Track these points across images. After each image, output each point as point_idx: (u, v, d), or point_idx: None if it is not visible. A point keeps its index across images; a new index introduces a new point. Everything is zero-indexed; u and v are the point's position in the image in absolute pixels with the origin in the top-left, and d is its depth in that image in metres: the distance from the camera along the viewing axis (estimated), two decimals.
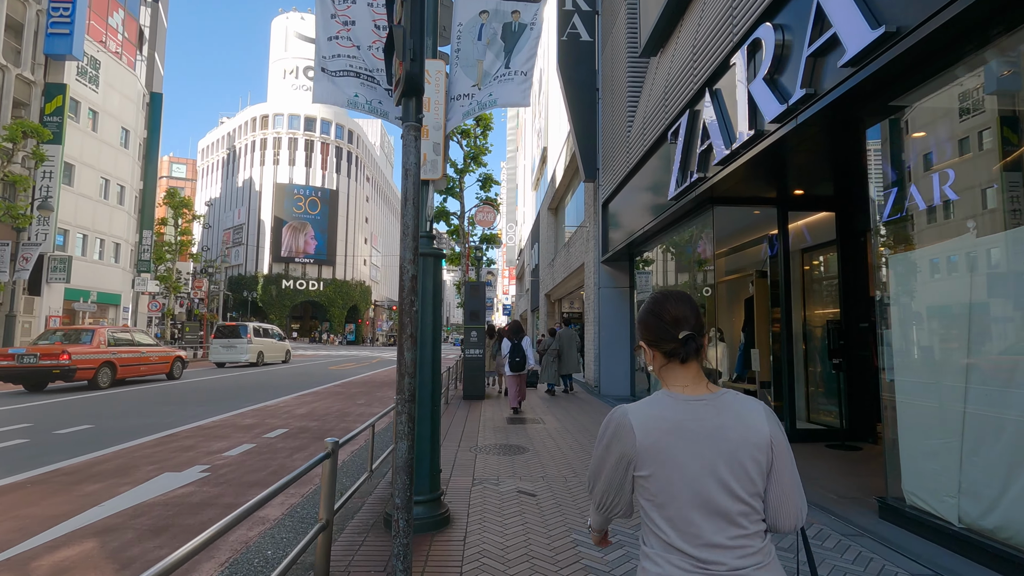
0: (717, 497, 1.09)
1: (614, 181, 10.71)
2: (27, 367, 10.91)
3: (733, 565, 1.07)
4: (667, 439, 1.12)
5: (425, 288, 3.49)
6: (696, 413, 1.14)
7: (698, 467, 1.10)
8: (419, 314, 3.47)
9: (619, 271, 11.81)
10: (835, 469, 5.09)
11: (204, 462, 5.38)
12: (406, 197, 2.59)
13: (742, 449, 1.11)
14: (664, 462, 1.11)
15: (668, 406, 1.16)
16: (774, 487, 1.14)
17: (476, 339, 10.35)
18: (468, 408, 9.17)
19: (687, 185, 6.56)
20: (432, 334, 3.50)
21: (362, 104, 3.53)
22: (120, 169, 28.08)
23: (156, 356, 13.97)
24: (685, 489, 1.10)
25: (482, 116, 15.65)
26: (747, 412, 1.15)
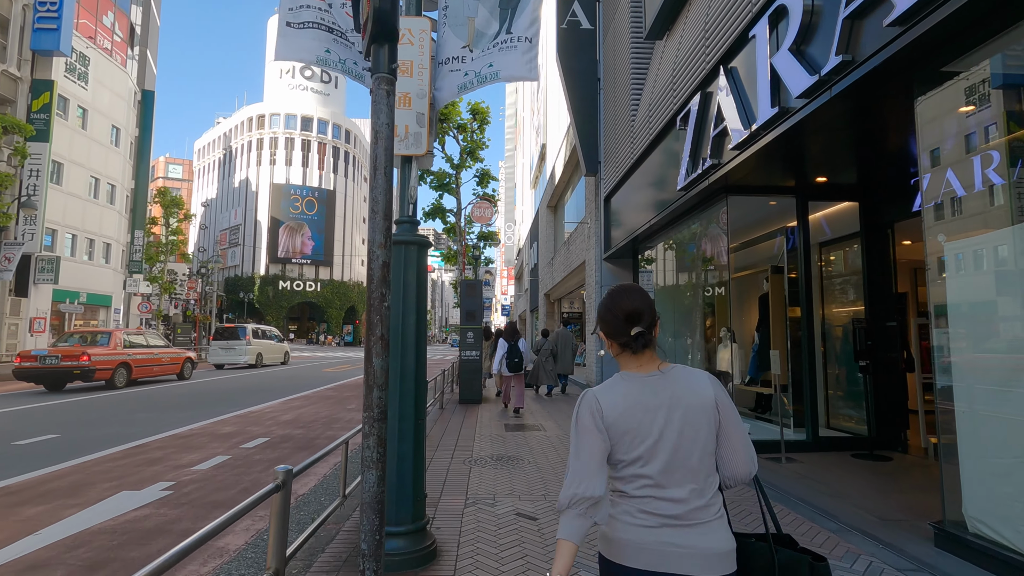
0: (676, 456, 1.24)
1: (617, 174, 10.21)
2: (49, 368, 11.53)
3: (688, 515, 1.22)
4: (629, 412, 1.27)
5: (407, 282, 2.99)
6: (651, 388, 1.30)
7: (657, 432, 1.26)
8: (399, 313, 2.96)
9: (622, 268, 11.31)
10: (869, 484, 4.58)
11: (169, 478, 4.87)
12: (376, 166, 2.08)
13: (693, 413, 1.27)
14: (627, 431, 1.27)
15: (627, 385, 1.32)
16: (724, 443, 1.29)
17: (472, 340, 9.84)
18: (464, 413, 8.66)
19: (699, 173, 6.07)
20: (415, 336, 2.99)
21: (334, 62, 3.02)
22: (111, 168, 27.54)
23: (168, 357, 14.53)
24: (646, 452, 1.25)
25: (479, 109, 15.17)
26: (695, 381, 1.31)
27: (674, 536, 1.21)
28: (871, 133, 4.73)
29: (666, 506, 1.23)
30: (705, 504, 1.24)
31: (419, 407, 2.96)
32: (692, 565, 1.19)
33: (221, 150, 73.42)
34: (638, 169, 8.98)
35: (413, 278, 3.01)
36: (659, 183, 8.01)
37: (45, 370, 11.56)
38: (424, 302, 3.08)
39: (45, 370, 11.56)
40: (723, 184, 6.03)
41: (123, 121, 28.45)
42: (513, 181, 48.22)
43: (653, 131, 7.94)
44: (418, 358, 2.99)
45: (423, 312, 3.06)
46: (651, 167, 8.35)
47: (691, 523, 1.22)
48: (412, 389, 2.94)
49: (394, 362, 2.92)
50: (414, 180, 3.10)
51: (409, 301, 2.98)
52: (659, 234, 8.89)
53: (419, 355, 3.00)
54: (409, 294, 2.98)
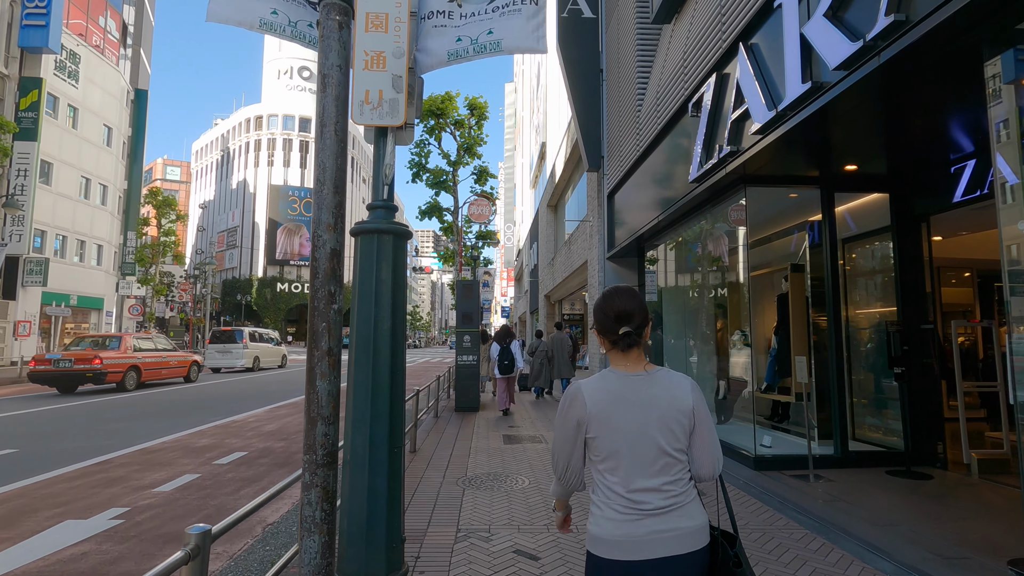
0: (648, 451, 1.38)
1: (621, 169, 9.69)
2: (63, 371, 11.95)
3: (659, 504, 1.36)
4: (610, 407, 1.41)
5: (380, 279, 2.45)
6: (633, 386, 1.43)
7: (633, 428, 1.39)
8: (371, 317, 2.43)
9: (626, 268, 10.78)
10: (915, 509, 4.04)
11: (124, 503, 4.33)
12: (323, 121, 1.57)
13: (669, 414, 1.40)
14: (607, 424, 1.40)
15: (612, 381, 1.44)
16: (696, 444, 1.44)
17: (469, 344, 9.30)
18: (460, 422, 8.11)
19: (714, 163, 5.54)
20: (391, 345, 2.46)
21: (281, 27, 2.48)
22: (102, 168, 27.04)
23: (176, 360, 15.01)
24: (623, 445, 1.39)
25: (477, 104, 14.65)
26: (675, 385, 1.44)
27: (658, 523, 1.35)
28: (914, 111, 4.20)
29: (643, 497, 1.36)
30: (678, 492, 1.38)
31: (395, 432, 2.43)
32: (676, 544, 1.34)
33: (219, 151, 72.94)
34: (644, 162, 8.45)
35: (388, 275, 2.47)
36: (667, 176, 7.49)
37: (59, 373, 11.96)
38: (402, 304, 2.54)
39: (59, 373, 11.96)
40: (741, 174, 5.50)
41: (115, 120, 27.95)
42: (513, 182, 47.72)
43: (661, 120, 7.42)
44: (394, 373, 2.45)
45: (401, 317, 2.52)
46: (658, 160, 7.83)
47: (666, 510, 1.36)
48: (386, 410, 2.40)
49: (363, 377, 2.39)
50: (390, 156, 2.56)
51: (383, 303, 2.44)
52: (667, 231, 8.36)
53: (395, 369, 2.46)
54: (383, 295, 2.45)
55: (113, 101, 27.73)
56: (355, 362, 2.42)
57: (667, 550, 1.33)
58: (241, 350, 19.86)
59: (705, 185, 5.98)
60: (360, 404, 2.39)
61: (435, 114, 13.95)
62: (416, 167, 14.51)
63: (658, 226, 8.13)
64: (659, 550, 1.32)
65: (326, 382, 1.44)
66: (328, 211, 1.47)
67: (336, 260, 1.49)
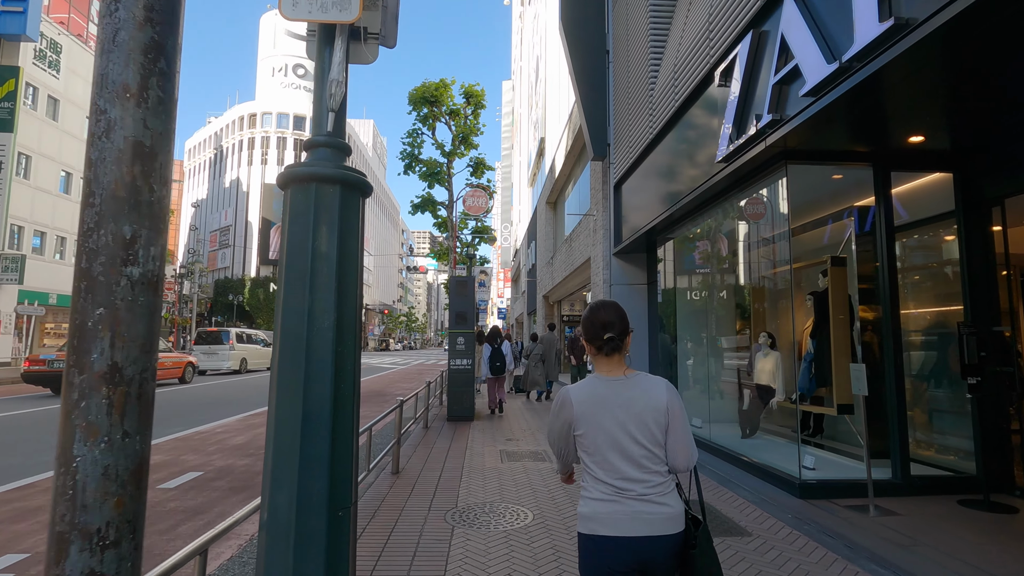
0: (628, 446, 1.59)
1: (630, 157, 8.88)
2: (57, 371, 11.54)
3: (639, 492, 1.57)
4: (594, 408, 1.63)
5: (318, 253, 1.61)
6: (614, 389, 1.64)
7: (614, 426, 1.60)
8: (304, 311, 1.59)
9: (634, 265, 9.96)
10: (1007, 551, 3.22)
11: (27, 545, 3.46)
12: None
13: (646, 412, 1.61)
14: (592, 423, 1.62)
15: (595, 385, 1.66)
16: (671, 439, 1.62)
17: (463, 346, 8.45)
18: (452, 435, 7.26)
19: (749, 136, 4.72)
20: (335, 355, 1.61)
21: None
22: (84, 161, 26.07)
23: (171, 362, 14.88)
24: (606, 441, 1.60)
25: (473, 92, 13.82)
26: (651, 387, 1.65)
27: (639, 506, 1.56)
28: (1007, 63, 3.39)
29: (624, 484, 1.58)
30: (657, 482, 1.59)
31: (339, 487, 1.57)
32: (655, 526, 1.55)
33: (212, 150, 71.96)
34: (658, 146, 7.64)
35: (333, 246, 1.63)
36: (686, 159, 6.67)
37: (53, 374, 11.68)
38: (353, 289, 1.70)
39: (53, 374, 11.68)
40: (781, 149, 4.69)
41: None
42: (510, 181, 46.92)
43: (680, 96, 6.60)
44: (339, 394, 1.60)
45: (350, 308, 1.67)
46: (676, 141, 7.02)
47: (646, 497, 1.57)
48: (325, 453, 1.55)
49: (290, 401, 1.55)
50: (338, 70, 1.71)
51: (322, 288, 1.60)
52: (683, 222, 7.54)
53: (341, 389, 1.61)
54: (322, 275, 1.61)
55: None
56: (278, 379, 1.58)
57: (644, 531, 1.54)
58: (227, 352, 19.05)
59: (735, 165, 5.17)
60: (285, 443, 1.55)
61: (429, 102, 13.11)
62: (408, 158, 13.66)
63: (672, 217, 7.31)
64: (637, 530, 1.54)
65: (100, 447, 0.62)
66: (124, 55, 0.64)
67: (144, 165, 0.68)
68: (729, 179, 5.58)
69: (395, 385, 15.73)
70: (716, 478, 5.19)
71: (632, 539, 1.53)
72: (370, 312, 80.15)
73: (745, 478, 5.13)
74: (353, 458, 1.66)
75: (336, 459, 1.58)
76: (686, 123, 6.65)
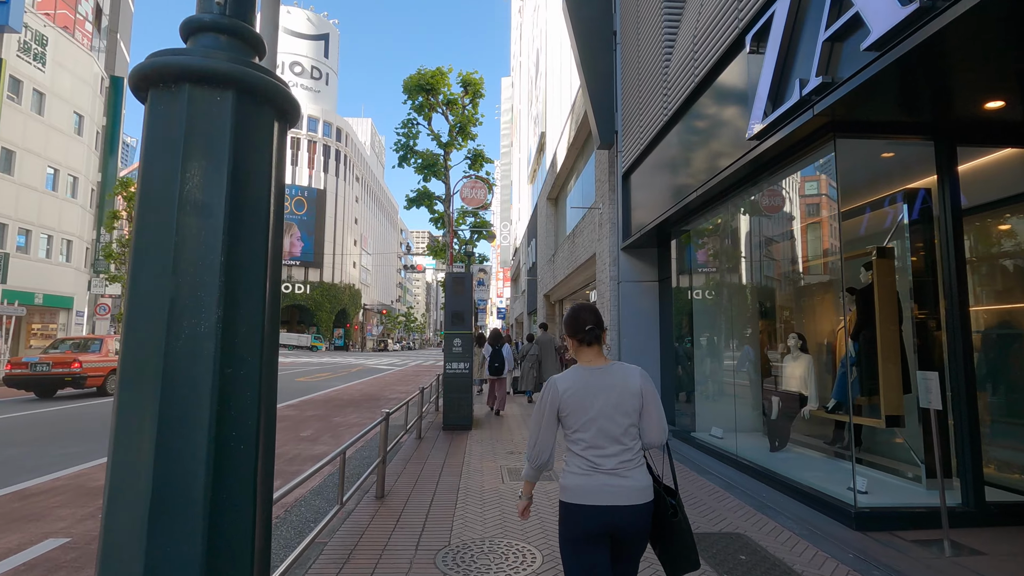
0: (606, 425, 1.83)
1: (640, 143, 8.20)
2: (40, 375, 11.33)
3: (610, 466, 1.80)
4: (578, 392, 1.86)
5: (192, 205, 0.92)
6: (596, 376, 1.89)
7: (595, 408, 1.85)
8: (168, 291, 0.90)
9: (645, 261, 9.29)
10: None
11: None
12: None
13: (623, 396, 1.86)
14: (575, 406, 1.86)
15: (578, 374, 1.91)
16: (644, 419, 1.88)
17: (460, 349, 7.77)
18: (448, 446, 6.57)
19: (791, 105, 4.05)
20: (221, 365, 0.91)
21: None
22: (72, 158, 25.36)
23: None
24: (587, 421, 1.84)
25: (471, 80, 13.13)
26: (627, 374, 1.90)
27: (608, 480, 1.79)
28: None
29: (600, 460, 1.81)
30: (629, 458, 1.83)
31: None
32: (621, 497, 1.78)
33: None
34: (673, 129, 6.97)
35: (222, 193, 0.94)
36: (706, 142, 6.00)
37: (35, 377, 11.37)
38: (268, 274, 1.00)
39: (35, 377, 11.37)
40: (830, 119, 4.01)
41: (88, 108, 26.29)
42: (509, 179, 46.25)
43: (701, 69, 5.92)
44: (224, 458, 0.91)
45: (258, 305, 0.98)
46: (694, 123, 6.34)
47: (618, 471, 1.80)
48: (195, 560, 0.86)
49: (132, 470, 0.86)
50: None
51: (195, 267, 0.91)
52: (702, 212, 6.85)
53: (228, 451, 0.92)
54: (197, 243, 0.91)
55: (85, 87, 26.06)
56: (116, 424, 0.90)
57: (616, 500, 1.77)
58: None
59: (769, 142, 4.49)
60: (121, 538, 0.86)
61: (424, 90, 12.41)
62: (403, 149, 12.97)
63: (688, 207, 6.64)
64: (610, 499, 1.77)
65: None
66: None
67: None
68: (759, 160, 4.90)
69: (391, 388, 15.05)
70: (751, 502, 4.51)
71: (601, 507, 1.76)
72: (368, 312, 79.42)
73: (785, 503, 4.46)
74: (257, 556, 0.97)
75: (217, 565, 0.89)
76: (707, 101, 5.98)
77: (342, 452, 3.27)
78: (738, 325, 6.77)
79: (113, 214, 22.70)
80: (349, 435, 7.66)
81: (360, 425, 8.51)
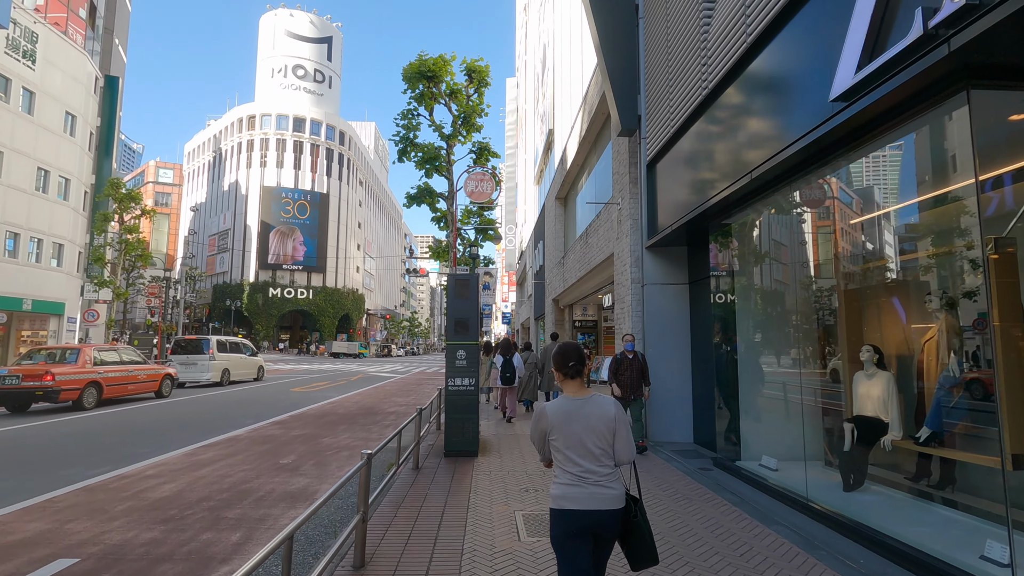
0: (588, 446, 2.22)
1: (670, 126, 7.18)
2: (9, 388, 10.62)
3: (594, 479, 2.20)
4: (563, 419, 2.27)
5: None
6: (577, 406, 2.28)
7: (577, 432, 2.24)
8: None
9: (672, 262, 8.25)
10: None
11: None
12: None
13: (600, 423, 2.24)
14: (561, 431, 2.26)
15: (564, 403, 2.30)
16: (617, 442, 2.26)
17: (465, 362, 6.72)
18: (449, 482, 5.52)
19: (912, 44, 3.01)
20: None
21: None
22: (64, 159, 24.54)
23: (145, 375, 13.44)
24: (572, 442, 2.24)
25: (476, 68, 12.14)
26: (603, 404, 2.28)
27: (588, 489, 2.19)
28: None
29: (583, 474, 2.21)
30: (605, 472, 2.22)
31: None
32: (602, 503, 2.18)
33: (211, 153, 70.69)
34: (714, 104, 5.94)
35: None
36: (762, 113, 4.96)
37: (4, 391, 10.61)
38: None
39: (4, 391, 10.61)
40: (961, 63, 2.98)
41: (80, 108, 25.49)
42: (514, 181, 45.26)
43: (755, 26, 4.89)
44: None
45: None
46: (744, 92, 5.31)
47: (596, 482, 2.20)
48: None
49: None
50: None
51: None
52: (751, 202, 5.80)
53: None
54: None
55: (77, 86, 25.27)
56: None
57: (596, 506, 2.18)
58: (207, 362, 17.36)
59: (866, 101, 3.46)
60: None
61: (426, 77, 11.43)
62: (403, 142, 11.98)
63: (732, 197, 5.61)
64: (591, 505, 2.17)
65: None
66: None
67: None
68: (842, 130, 3.87)
69: (391, 400, 14.01)
70: (840, 567, 3.44)
71: (588, 512, 2.18)
72: (372, 317, 78.51)
73: (886, 570, 3.39)
74: None
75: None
76: (763, 64, 4.94)
77: (288, 537, 2.22)
78: (797, 334, 5.71)
79: (104, 216, 21.79)
80: (336, 462, 6.63)
81: (351, 449, 7.47)
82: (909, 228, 4.85)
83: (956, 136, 3.55)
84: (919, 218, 4.65)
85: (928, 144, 4.01)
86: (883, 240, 5.05)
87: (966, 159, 4.06)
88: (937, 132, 3.79)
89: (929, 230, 4.59)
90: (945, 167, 4.00)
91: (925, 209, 4.47)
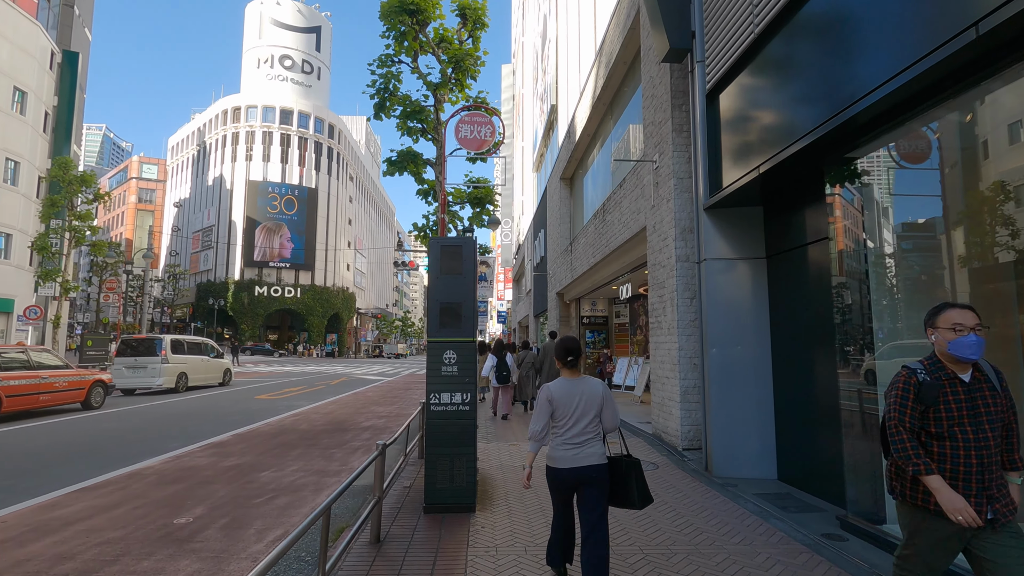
0: (579, 417, 2.95)
1: (754, 25, 5.00)
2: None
3: (580, 442, 2.93)
4: (563, 396, 2.98)
5: None
6: (574, 385, 3.01)
7: (572, 406, 2.96)
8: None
9: (743, 228, 6.02)
10: None
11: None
12: None
13: (591, 399, 2.97)
14: (560, 404, 2.97)
15: (564, 384, 3.03)
16: (604, 413, 3.00)
17: (455, 368, 4.46)
18: (431, 564, 3.28)
19: None
20: None
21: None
22: (12, 140, 22.07)
23: (64, 382, 11.19)
24: (567, 414, 2.96)
25: (469, 7, 9.88)
26: (593, 384, 3.02)
27: (577, 450, 2.91)
28: None
29: (573, 439, 2.93)
30: (591, 437, 2.94)
31: None
32: (585, 460, 2.89)
33: (195, 146, 67.99)
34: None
35: None
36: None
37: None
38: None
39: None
40: None
41: (32, 84, 23.03)
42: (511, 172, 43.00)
43: None
44: None
45: None
46: None
47: (583, 445, 2.92)
48: None
49: None
50: None
51: None
52: (898, 122, 3.58)
53: None
54: None
55: (29, 60, 22.82)
56: None
57: (579, 463, 2.89)
58: (159, 365, 14.97)
59: None
60: None
61: (408, 12, 9.17)
62: (380, 95, 9.71)
63: (858, 120, 3.41)
64: (575, 463, 2.89)
65: None
66: None
67: None
68: None
69: (369, 410, 11.72)
70: None
71: (573, 468, 2.90)
72: (363, 317, 76.01)
73: None
74: None
75: None
76: None
77: None
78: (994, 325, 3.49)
79: (51, 200, 19.37)
80: (260, 520, 4.38)
81: (293, 493, 5.23)
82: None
83: None
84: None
85: None
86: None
87: None
88: None
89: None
90: None
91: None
